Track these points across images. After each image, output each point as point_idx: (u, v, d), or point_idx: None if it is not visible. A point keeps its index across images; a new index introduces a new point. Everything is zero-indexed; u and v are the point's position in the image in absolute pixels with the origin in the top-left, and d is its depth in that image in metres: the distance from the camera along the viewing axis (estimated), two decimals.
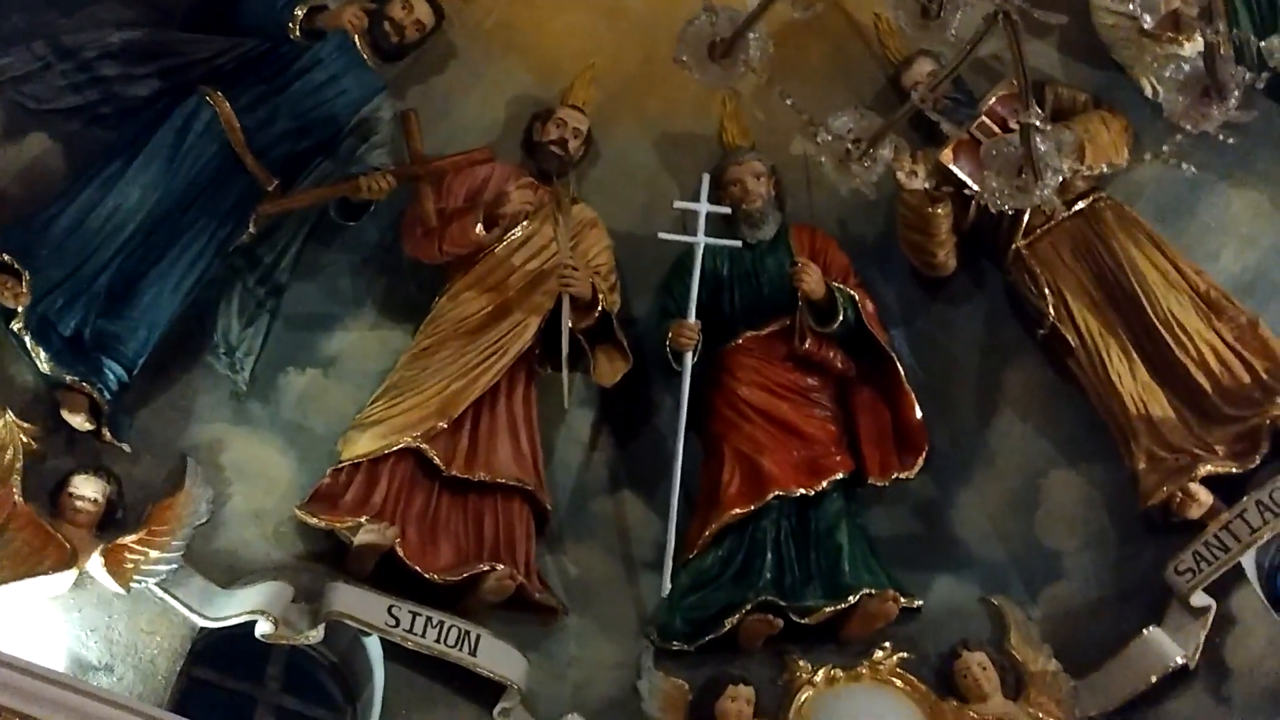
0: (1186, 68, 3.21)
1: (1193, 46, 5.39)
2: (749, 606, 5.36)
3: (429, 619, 5.03)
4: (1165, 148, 3.54)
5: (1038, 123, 3.17)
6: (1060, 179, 3.20)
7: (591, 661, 5.48)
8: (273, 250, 5.63)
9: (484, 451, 5.53)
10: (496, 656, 5.10)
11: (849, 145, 3.31)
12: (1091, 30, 5.85)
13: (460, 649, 5.02)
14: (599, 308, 5.76)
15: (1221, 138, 3.72)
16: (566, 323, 5.66)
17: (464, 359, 5.62)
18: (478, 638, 5.08)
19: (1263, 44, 4.56)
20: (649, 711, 5.20)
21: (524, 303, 5.77)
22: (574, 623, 5.56)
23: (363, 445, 5.34)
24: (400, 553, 5.13)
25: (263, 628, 4.71)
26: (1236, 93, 3.15)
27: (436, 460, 5.38)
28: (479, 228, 5.67)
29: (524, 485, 5.53)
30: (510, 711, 5.06)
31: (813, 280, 5.87)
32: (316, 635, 4.83)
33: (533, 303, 5.77)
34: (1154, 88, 5.59)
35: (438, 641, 5.01)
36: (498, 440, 5.58)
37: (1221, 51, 3.17)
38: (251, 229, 5.39)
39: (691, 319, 5.86)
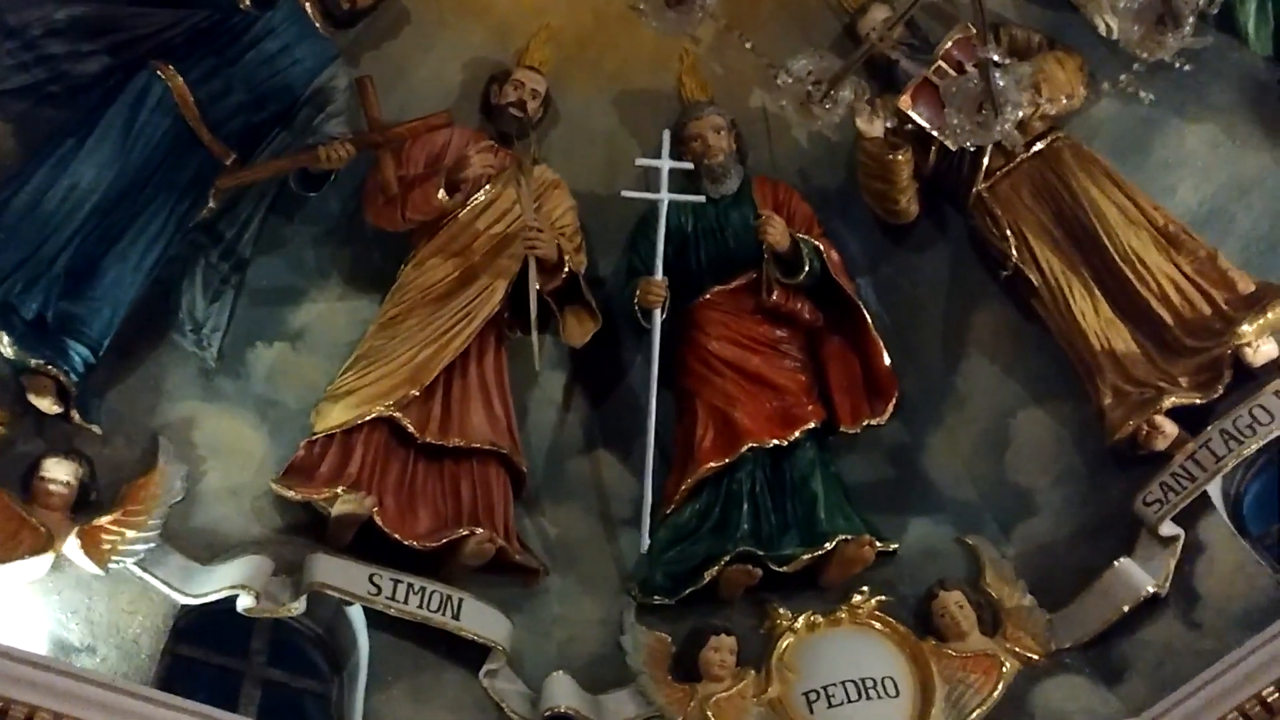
0: None
1: None
2: (728, 558, 5.41)
3: (411, 585, 5.05)
4: (1122, 78, 3.55)
5: (995, 58, 3.16)
6: (1020, 114, 3.20)
7: (575, 620, 5.52)
8: (234, 225, 5.59)
9: (457, 417, 5.53)
10: (480, 619, 5.13)
11: (809, 87, 3.30)
12: None
13: (444, 614, 5.05)
14: (565, 269, 5.75)
15: (1178, 65, 3.73)
16: (534, 285, 5.65)
17: (433, 326, 5.61)
18: (460, 601, 5.11)
19: None
20: (634, 665, 5.24)
21: (490, 267, 5.75)
22: (555, 582, 5.60)
23: (335, 416, 5.34)
24: (379, 521, 5.14)
25: (244, 602, 4.71)
26: (1191, 19, 3.16)
27: (410, 428, 5.38)
28: (441, 193, 5.65)
29: (499, 449, 5.55)
30: (497, 673, 5.09)
31: (777, 232, 5.89)
32: (299, 607, 4.84)
33: (499, 266, 5.76)
34: (1107, 25, 5.62)
35: (421, 607, 5.03)
36: (470, 405, 5.59)
37: None
38: (211, 204, 5.35)
39: (658, 276, 5.88)
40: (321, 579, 4.88)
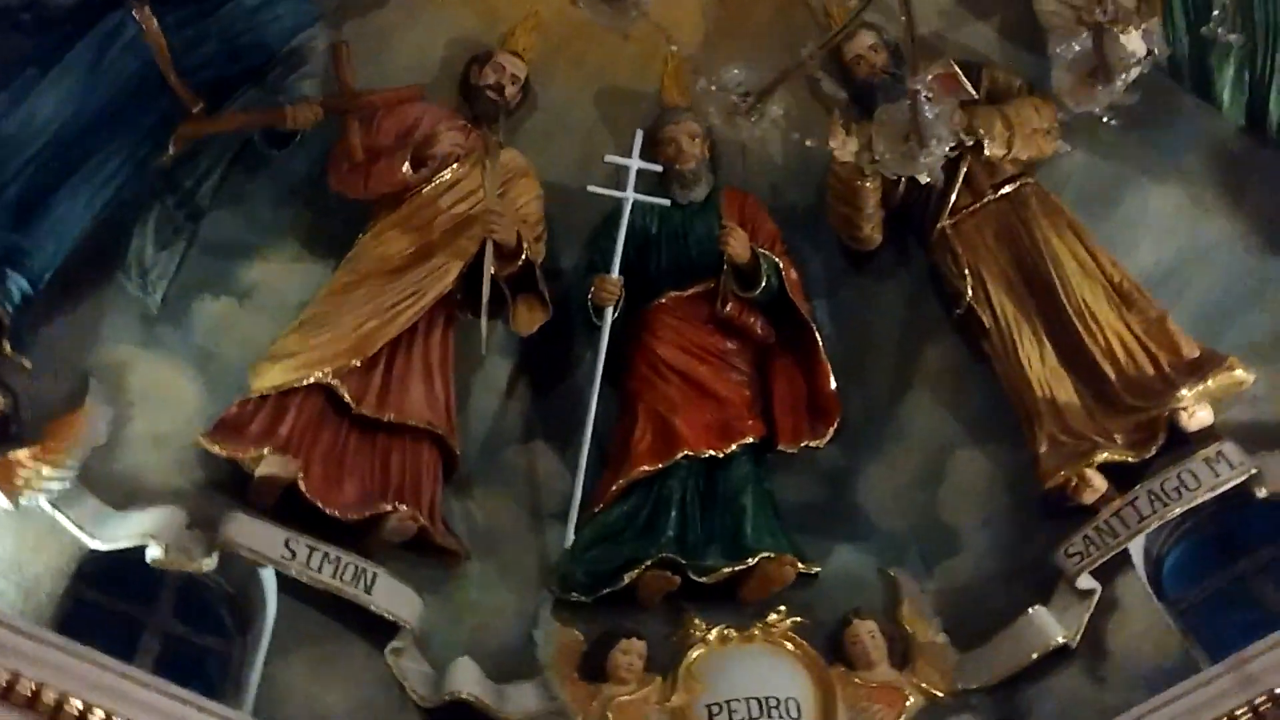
0: (1077, 47, 3.22)
1: (1130, 40, 5.46)
2: (649, 562, 5.40)
3: (326, 555, 5.02)
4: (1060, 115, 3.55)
5: (922, 89, 3.17)
6: (946, 147, 3.21)
7: (490, 607, 5.50)
8: (194, 174, 5.55)
9: (396, 392, 5.51)
10: (392, 596, 5.10)
11: (736, 98, 3.30)
12: (1033, 16, 5.88)
13: (355, 586, 5.02)
14: (522, 256, 5.74)
15: (1105, 119, 3.75)
16: (488, 269, 5.64)
17: (383, 298, 5.58)
18: (374, 576, 5.08)
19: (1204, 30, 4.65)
20: (542, 659, 5.23)
21: (448, 246, 5.73)
22: (475, 568, 5.58)
23: (273, 377, 5.30)
24: (303, 488, 5.10)
25: (153, 553, 4.67)
26: (1124, 77, 3.17)
27: (347, 397, 5.35)
28: (406, 166, 5.64)
29: (434, 429, 5.53)
30: (402, 651, 5.06)
31: (738, 244, 5.90)
32: (210, 564, 4.80)
33: (457, 246, 5.74)
34: None
35: (333, 577, 4.99)
36: (411, 382, 5.57)
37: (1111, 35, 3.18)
38: (171, 150, 5.30)
39: (614, 274, 5.88)
40: (236, 538, 4.85)
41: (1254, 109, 5.40)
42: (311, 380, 5.30)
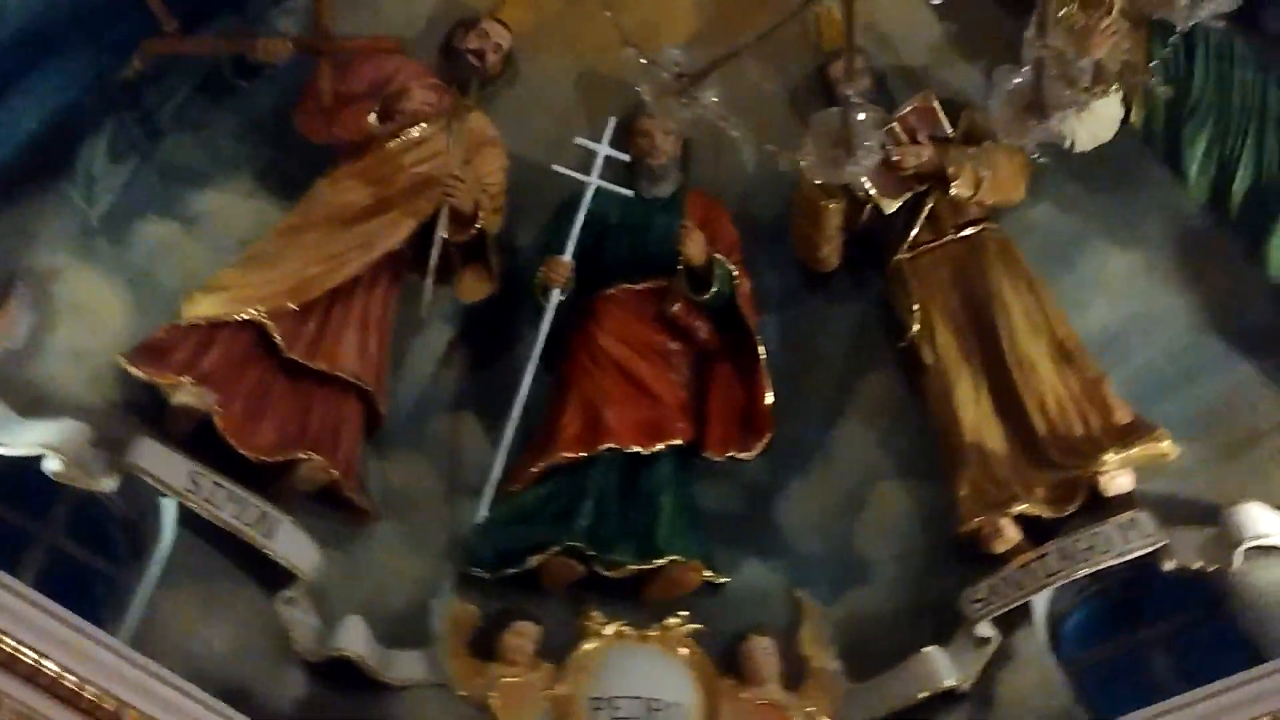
0: (1018, 79, 3.21)
1: (1111, 99, 5.49)
2: (557, 549, 5.36)
3: (232, 493, 4.94)
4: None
5: (853, 95, 3.15)
6: (874, 159, 3.19)
7: (391, 571, 5.44)
8: (159, 94, 5.46)
9: (329, 342, 5.44)
10: (292, 545, 5.03)
11: (670, 76, 3.26)
12: (1020, 64, 5.86)
13: (256, 529, 4.94)
14: (477, 225, 5.69)
15: (1036, 156, 3.75)
16: (440, 232, 5.59)
17: (331, 246, 5.52)
18: (277, 522, 5.00)
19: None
20: (434, 630, 5.18)
21: (404, 203, 5.68)
22: (383, 530, 5.51)
23: (205, 308, 5.22)
24: (218, 423, 5.03)
25: (51, 465, 4.57)
26: (1059, 116, 3.16)
27: (278, 339, 5.28)
28: (373, 117, 5.59)
29: (362, 383, 5.47)
30: (294, 601, 5.00)
31: (695, 246, 5.87)
32: (110, 484, 4.71)
33: (413, 205, 5.69)
34: (1064, 133, 5.66)
35: (235, 518, 4.92)
36: (346, 334, 5.50)
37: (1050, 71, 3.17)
38: (136, 64, 5.21)
39: (567, 257, 5.84)
40: (141, 463, 4.76)
41: (1218, 188, 5.43)
42: (244, 316, 5.23)
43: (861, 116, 3.02)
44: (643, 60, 3.10)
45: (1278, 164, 5.24)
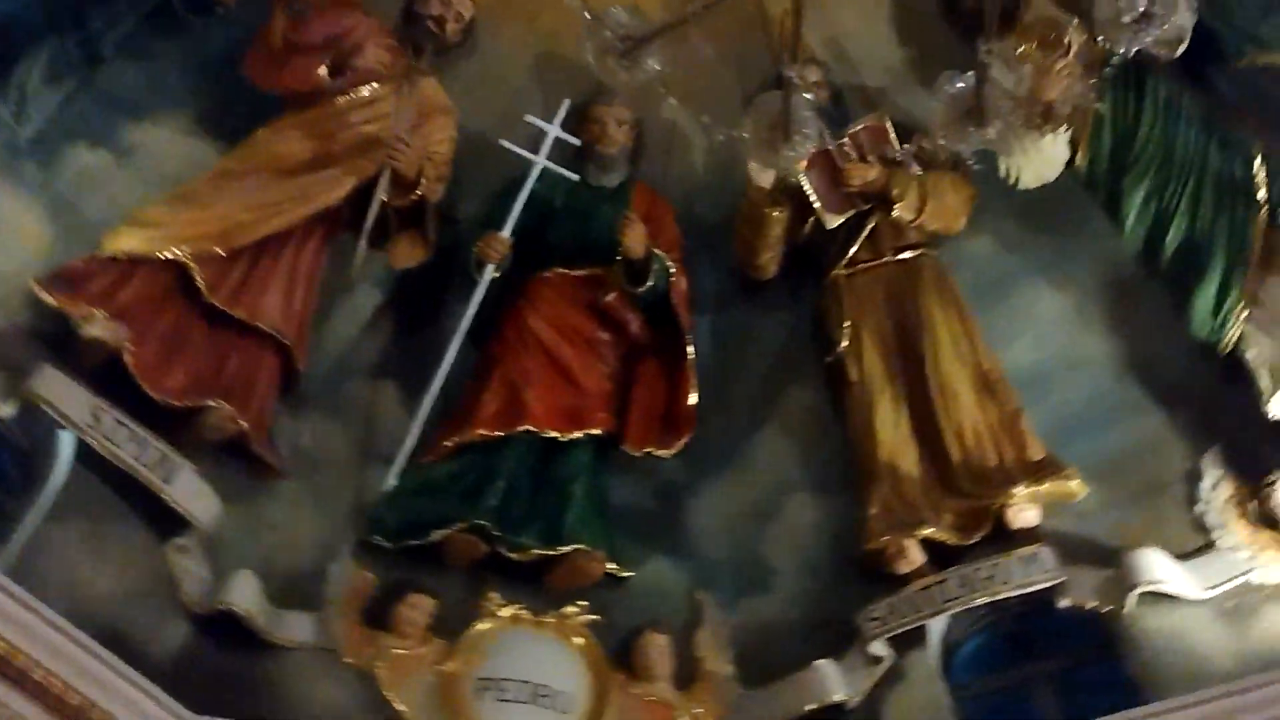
0: (961, 84, 3.24)
1: (1058, 140, 5.56)
2: (463, 525, 5.30)
3: (134, 433, 4.81)
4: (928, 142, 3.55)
5: (795, 77, 3.16)
6: (810, 147, 3.20)
7: (291, 531, 5.34)
8: (105, 19, 5.28)
9: (253, 292, 5.33)
10: (191, 493, 4.92)
11: (615, 38, 3.25)
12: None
13: (155, 473, 4.82)
14: (418, 192, 5.62)
15: (970, 163, 3.80)
16: (379, 194, 5.52)
17: (266, 194, 5.41)
18: (178, 468, 4.89)
19: None
20: (328, 595, 5.08)
21: (346, 161, 5.59)
22: (288, 489, 5.41)
23: (129, 242, 5.09)
24: (128, 360, 4.90)
25: None
26: (998, 124, 3.19)
27: (200, 282, 5.16)
28: (323, 70, 5.50)
29: (282, 337, 5.37)
30: (186, 550, 4.88)
31: (636, 238, 5.84)
32: (7, 410, 4.57)
33: (355, 164, 5.61)
34: (1008, 167, 5.74)
35: (135, 459, 4.79)
36: (271, 285, 5.40)
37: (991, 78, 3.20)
38: None
39: (506, 234, 5.78)
40: (41, 391, 4.61)
41: (1152, 240, 5.50)
42: (167, 255, 5.10)
43: (804, 106, 3.00)
44: (587, 15, 3.05)
45: (1210, 222, 5.31)
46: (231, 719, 4.54)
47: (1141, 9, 2.85)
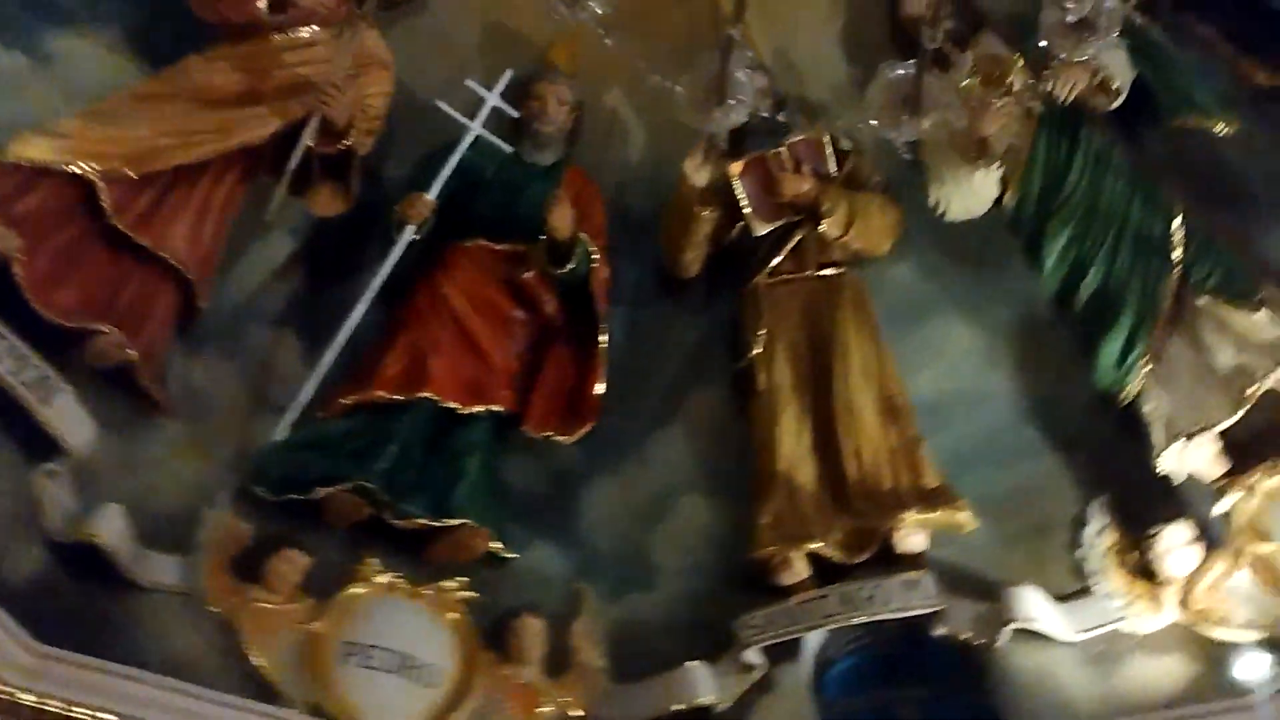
0: (901, 71, 3.24)
1: (992, 174, 5.62)
2: (348, 485, 5.17)
3: (14, 347, 4.59)
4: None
5: (735, 34, 3.13)
6: (744, 114, 3.16)
7: (170, 471, 5.15)
8: None
9: (161, 221, 5.13)
10: (68, 418, 4.72)
11: None
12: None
13: (32, 391, 4.62)
14: (346, 141, 5.49)
15: (902, 153, 3.81)
16: (305, 138, 5.37)
17: (187, 123, 5.22)
18: (57, 390, 4.69)
19: None
20: (200, 539, 4.91)
21: (275, 101, 5.42)
22: (173, 428, 5.22)
23: (34, 149, 4.86)
24: (17, 272, 4.69)
25: None
26: (934, 115, 3.20)
27: (105, 203, 4.96)
28: (264, 3, 5.33)
29: (185, 271, 5.18)
30: (56, 476, 4.68)
31: (563, 218, 5.77)
32: None
33: (284, 106, 5.43)
34: (937, 197, 5.79)
35: (12, 374, 4.57)
36: (181, 217, 5.20)
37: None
38: None
39: (431, 197, 5.68)
40: None
41: (1067, 286, 5.57)
42: (75, 169, 4.89)
43: (742, 70, 2.97)
44: None
45: (1126, 276, 5.40)
46: (81, 653, 4.36)
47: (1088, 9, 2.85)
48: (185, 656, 4.65)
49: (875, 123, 3.19)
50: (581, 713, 5.09)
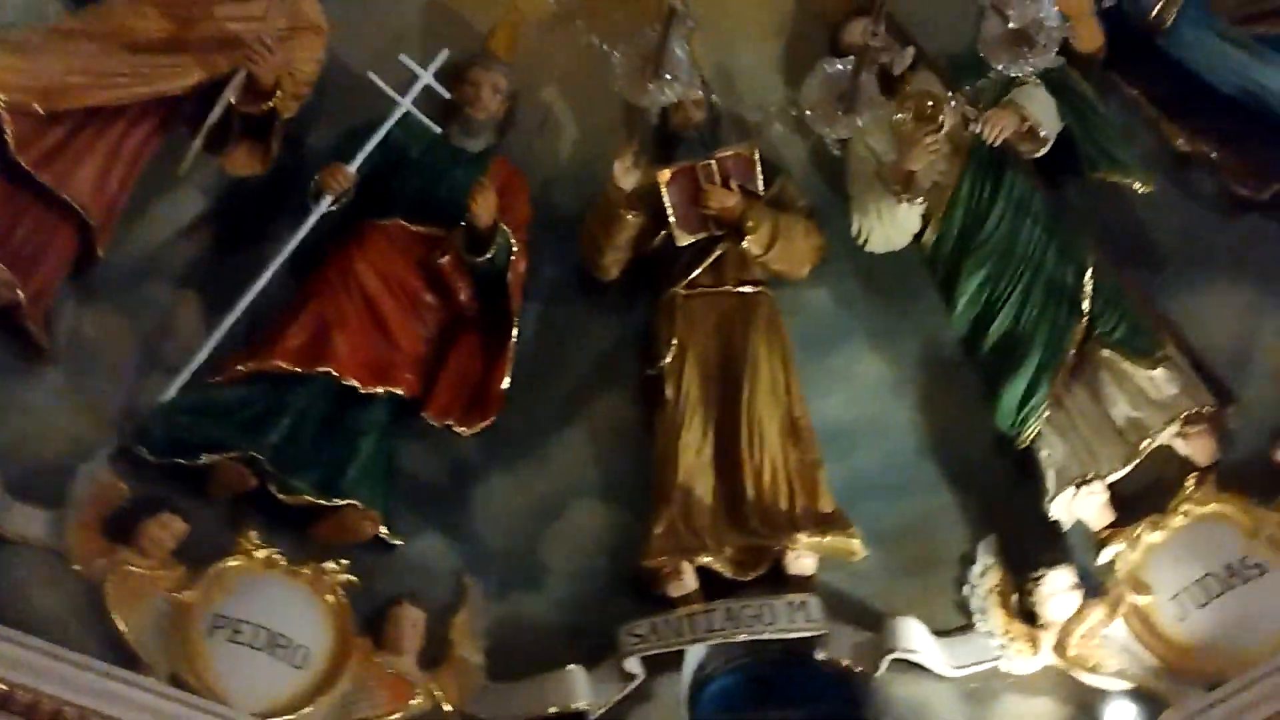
0: (840, 66, 3.24)
1: (915, 209, 5.67)
2: (235, 454, 5.02)
3: None
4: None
5: (679, 5, 3.10)
6: (678, 89, 3.14)
7: (49, 421, 4.93)
8: None
9: (66, 161, 4.94)
10: None
11: None
12: (843, 154, 6.00)
13: None
14: (270, 103, 5.34)
15: (831, 149, 3.82)
16: (228, 95, 5.22)
17: (105, 64, 5.05)
18: None
19: None
20: (71, 495, 4.71)
21: (200, 53, 5.27)
22: (55, 376, 5.01)
23: None
24: None
25: None
26: (864, 113, 3.21)
27: (8, 135, 4.74)
28: None
29: (86, 215, 4.99)
30: None
31: (485, 206, 5.67)
32: None
33: (209, 59, 5.28)
34: (860, 227, 5.83)
35: None
36: (89, 160, 5.02)
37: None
38: None
39: (352, 170, 5.55)
40: None
41: (977, 327, 5.62)
42: None
43: (681, 46, 2.93)
44: None
45: (1035, 321, 5.47)
46: None
47: (1032, 16, 2.87)
48: (45, 614, 4.43)
49: (812, 123, 3.17)
50: (452, 707, 4.99)
